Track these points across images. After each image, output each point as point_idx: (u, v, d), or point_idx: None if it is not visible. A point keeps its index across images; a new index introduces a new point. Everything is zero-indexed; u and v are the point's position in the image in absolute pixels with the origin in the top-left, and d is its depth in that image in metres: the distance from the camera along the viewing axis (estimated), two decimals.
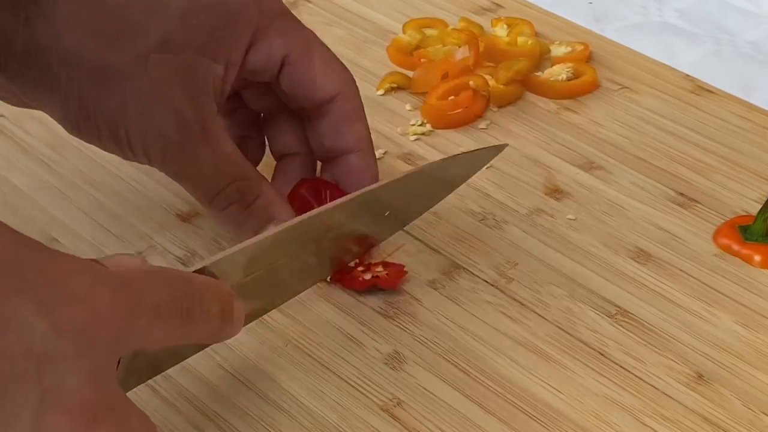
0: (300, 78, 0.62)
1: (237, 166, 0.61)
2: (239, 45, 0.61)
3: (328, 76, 0.63)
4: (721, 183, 0.71)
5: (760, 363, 0.60)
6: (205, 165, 0.60)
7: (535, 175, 0.72)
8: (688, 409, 0.57)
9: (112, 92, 0.58)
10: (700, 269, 0.65)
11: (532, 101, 0.79)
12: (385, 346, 0.60)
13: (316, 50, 0.63)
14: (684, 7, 0.92)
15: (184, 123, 0.59)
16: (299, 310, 0.62)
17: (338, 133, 0.63)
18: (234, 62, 0.61)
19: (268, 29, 0.61)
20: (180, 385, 0.58)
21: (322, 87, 0.63)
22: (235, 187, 0.60)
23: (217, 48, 0.60)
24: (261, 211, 0.61)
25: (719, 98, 0.79)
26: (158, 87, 0.58)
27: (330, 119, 0.63)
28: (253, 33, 0.61)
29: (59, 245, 0.66)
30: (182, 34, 0.59)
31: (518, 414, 0.57)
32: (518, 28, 0.83)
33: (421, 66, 0.80)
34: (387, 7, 0.88)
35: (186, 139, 0.59)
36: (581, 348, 0.60)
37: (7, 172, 0.72)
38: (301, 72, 0.62)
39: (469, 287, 0.64)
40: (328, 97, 0.63)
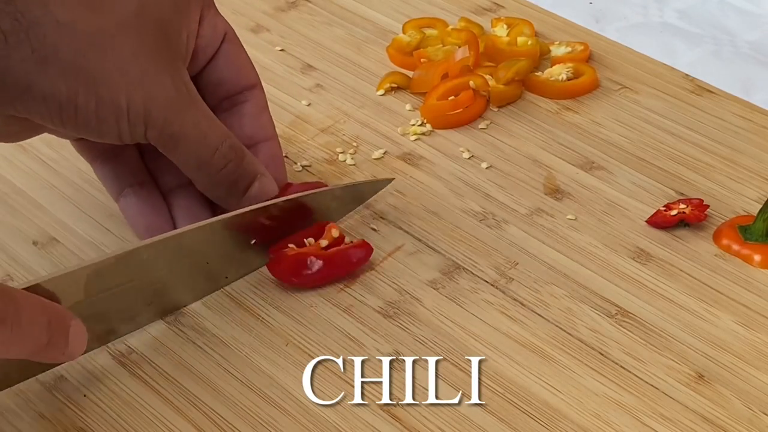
0: (235, 57, 0.65)
1: (221, 126, 0.62)
2: (194, 16, 0.62)
3: (251, 66, 0.66)
4: (721, 183, 0.71)
5: (760, 363, 0.60)
6: (202, 123, 0.61)
7: (535, 175, 0.72)
8: (688, 409, 0.57)
9: (110, 55, 0.58)
10: (700, 269, 0.65)
11: (532, 101, 0.79)
12: (385, 346, 0.60)
13: (241, 43, 0.65)
14: (684, 7, 0.92)
15: (179, 83, 0.60)
16: (299, 310, 0.62)
17: (258, 120, 0.66)
18: (192, 32, 0.62)
19: (211, 7, 0.64)
20: (180, 385, 0.58)
21: (249, 72, 0.65)
22: (228, 144, 0.62)
23: (181, 16, 0.61)
24: (250, 166, 0.63)
25: (719, 98, 0.79)
26: (150, 48, 0.59)
27: (250, 107, 0.65)
28: (201, 9, 0.63)
29: (59, 245, 0.66)
30: (154, 4, 0.60)
31: (518, 414, 0.57)
32: (518, 28, 0.83)
33: (421, 66, 0.80)
34: (387, 7, 0.88)
35: (183, 98, 0.60)
36: (581, 348, 0.60)
37: (7, 172, 0.72)
38: (236, 51, 0.65)
39: (469, 287, 0.64)
40: (253, 83, 0.65)
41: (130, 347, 0.61)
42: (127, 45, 0.58)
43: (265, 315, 0.62)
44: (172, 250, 0.59)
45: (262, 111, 0.66)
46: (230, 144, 0.62)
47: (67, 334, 0.53)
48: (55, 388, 0.58)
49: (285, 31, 0.85)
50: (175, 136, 0.60)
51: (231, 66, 0.64)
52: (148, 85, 0.58)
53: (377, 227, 0.68)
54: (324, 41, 0.84)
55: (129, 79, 0.58)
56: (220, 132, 0.62)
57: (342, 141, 0.75)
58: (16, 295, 0.51)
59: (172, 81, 0.60)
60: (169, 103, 0.59)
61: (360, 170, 0.72)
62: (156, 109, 0.59)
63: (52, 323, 0.52)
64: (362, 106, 0.78)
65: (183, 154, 0.61)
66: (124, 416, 0.57)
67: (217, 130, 0.62)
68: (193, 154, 0.61)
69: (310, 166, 0.73)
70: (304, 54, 0.83)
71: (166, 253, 0.59)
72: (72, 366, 0.59)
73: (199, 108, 0.61)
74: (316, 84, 0.80)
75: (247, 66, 0.65)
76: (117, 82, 0.58)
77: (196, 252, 0.61)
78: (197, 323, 0.62)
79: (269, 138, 0.66)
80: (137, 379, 0.59)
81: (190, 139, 0.61)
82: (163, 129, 0.60)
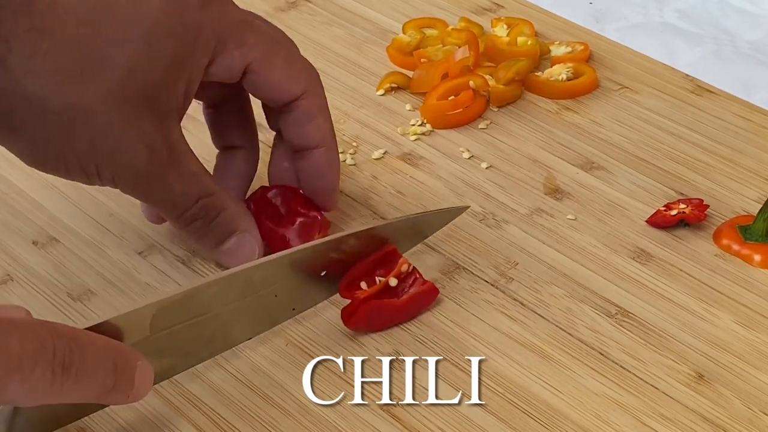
0: (263, 83, 0.62)
1: (202, 185, 0.61)
2: (200, 64, 0.60)
3: (292, 78, 0.63)
4: (721, 183, 0.71)
5: (760, 363, 0.60)
6: (173, 188, 0.60)
7: (535, 175, 0.72)
8: (688, 409, 0.57)
9: (80, 132, 0.57)
10: (700, 269, 0.65)
11: (532, 101, 0.79)
12: (385, 346, 0.60)
13: (279, 53, 0.62)
14: (684, 7, 0.92)
15: (154, 151, 0.58)
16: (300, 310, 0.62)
17: (302, 130, 0.63)
18: (194, 79, 0.60)
19: (228, 41, 0.60)
20: (180, 385, 0.58)
21: (286, 89, 0.63)
22: (201, 204, 0.61)
23: (179, 68, 0.59)
24: (224, 225, 0.62)
25: (719, 98, 0.79)
26: (127, 119, 0.57)
27: (294, 116, 0.63)
28: (213, 48, 0.60)
29: (59, 245, 0.66)
30: (146, 62, 0.57)
31: (518, 414, 0.57)
32: (518, 28, 0.83)
33: (421, 66, 0.80)
34: (387, 7, 0.88)
35: (155, 167, 0.59)
36: (581, 348, 0.60)
37: (7, 172, 0.72)
38: (264, 78, 0.62)
39: (469, 287, 0.64)
40: (293, 97, 0.63)
41: None
42: (100, 118, 0.56)
43: None
44: (241, 284, 0.59)
45: (307, 121, 0.63)
46: (203, 204, 0.61)
47: (133, 376, 0.51)
48: None
49: (285, 31, 0.85)
50: (145, 198, 0.62)
51: (261, 91, 0.63)
52: (118, 159, 0.58)
53: None
54: (324, 41, 0.84)
55: (98, 152, 0.57)
56: (195, 192, 0.61)
57: (342, 141, 0.75)
58: (81, 338, 0.49)
59: (147, 150, 0.58)
60: (138, 175, 0.59)
61: (360, 170, 0.72)
62: (124, 180, 0.59)
63: (118, 366, 0.50)
64: (362, 106, 0.78)
65: (154, 207, 0.64)
66: (124, 416, 0.57)
67: (194, 189, 0.61)
68: (163, 212, 0.63)
69: None
70: (304, 54, 0.83)
71: (235, 288, 0.59)
72: None
73: (176, 170, 0.60)
74: None
75: (284, 84, 0.62)
76: (86, 155, 0.57)
77: (263, 286, 0.60)
78: None
79: (319, 145, 0.64)
80: None
81: (159, 201, 0.61)
82: (133, 192, 0.60)
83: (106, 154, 0.57)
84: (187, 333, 0.57)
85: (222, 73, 0.61)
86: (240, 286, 0.59)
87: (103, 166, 0.58)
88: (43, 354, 0.47)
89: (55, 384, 0.47)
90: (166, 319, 0.56)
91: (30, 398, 0.48)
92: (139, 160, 0.58)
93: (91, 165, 0.58)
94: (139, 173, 0.59)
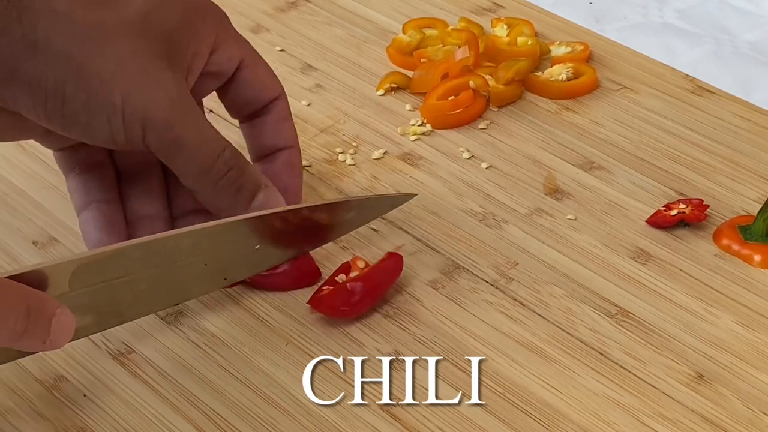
0: (253, 79, 0.64)
1: (221, 136, 0.61)
2: (207, 40, 0.61)
3: (273, 78, 0.65)
4: (721, 183, 0.71)
5: (760, 363, 0.60)
6: (202, 132, 0.59)
7: (535, 175, 0.72)
8: (688, 409, 0.57)
9: (108, 49, 0.56)
10: (700, 269, 0.65)
11: (532, 101, 0.79)
12: (385, 346, 0.60)
13: (261, 59, 0.65)
14: (684, 7, 0.92)
15: (182, 85, 0.59)
16: (300, 310, 0.62)
17: (279, 129, 0.65)
18: (201, 54, 0.61)
19: (228, 35, 0.63)
20: (180, 385, 0.58)
21: (270, 87, 0.65)
22: (230, 151, 0.61)
23: (189, 33, 0.60)
24: (252, 178, 0.61)
25: (719, 98, 0.79)
26: (153, 49, 0.58)
27: (272, 117, 0.65)
28: (216, 36, 0.62)
29: (59, 245, 0.66)
30: (161, 12, 0.59)
31: (518, 414, 0.57)
32: (518, 28, 0.83)
33: (421, 66, 0.80)
34: (387, 7, 0.88)
35: (185, 105, 0.58)
36: (581, 348, 0.60)
37: (7, 172, 0.72)
38: (254, 73, 0.64)
39: (469, 287, 0.64)
40: (274, 96, 0.65)
41: (130, 347, 0.61)
42: (127, 42, 0.57)
43: (265, 315, 0.62)
44: (169, 250, 0.59)
45: (283, 120, 0.66)
46: (232, 151, 0.61)
47: (49, 323, 0.51)
48: (55, 388, 0.58)
49: (285, 31, 0.85)
50: (177, 140, 0.58)
51: (248, 88, 0.64)
52: (148, 85, 0.56)
53: (377, 227, 0.68)
54: (324, 41, 0.84)
55: (126, 75, 0.56)
56: (221, 138, 0.61)
57: (342, 141, 0.75)
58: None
59: (175, 83, 0.58)
60: (172, 105, 0.57)
61: (360, 170, 0.72)
62: (156, 110, 0.57)
63: (32, 311, 0.50)
64: (362, 106, 0.78)
65: (185, 160, 0.59)
66: (124, 416, 0.57)
67: (218, 136, 0.61)
68: (196, 161, 0.59)
69: (310, 166, 0.73)
70: (304, 54, 0.83)
71: (162, 253, 0.58)
72: (72, 366, 0.59)
73: (199, 113, 0.61)
74: (316, 84, 0.80)
75: (266, 82, 0.65)
76: (112, 77, 0.56)
77: (195, 253, 0.60)
78: (197, 323, 0.62)
79: (289, 146, 0.66)
80: (137, 379, 0.59)
81: (193, 144, 0.58)
82: (164, 132, 0.57)
83: (135, 76, 0.56)
84: (106, 293, 0.57)
85: (223, 62, 0.63)
86: (168, 252, 0.58)
87: (131, 93, 0.56)
88: None
89: None
90: (89, 276, 0.56)
91: None
92: (168, 89, 0.57)
93: (116, 92, 0.56)
94: (173, 103, 0.57)
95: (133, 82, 0.56)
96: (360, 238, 0.67)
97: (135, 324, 0.61)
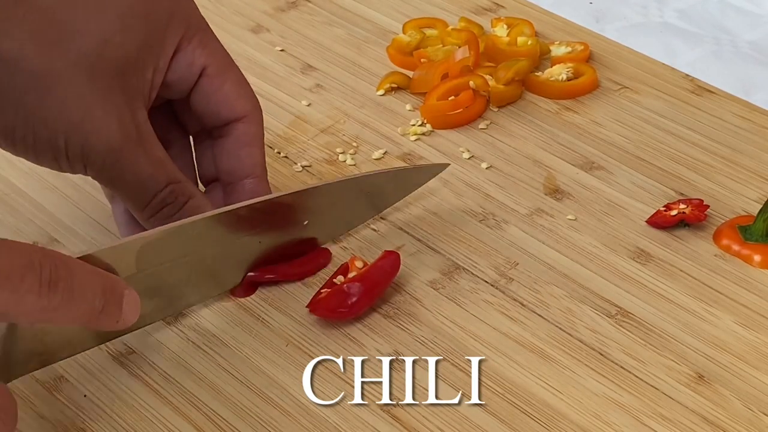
0: (214, 92, 0.62)
1: (170, 170, 0.61)
2: (167, 50, 0.60)
3: (240, 97, 0.62)
4: (721, 183, 0.71)
5: (760, 363, 0.60)
6: (143, 170, 0.59)
7: (535, 175, 0.72)
8: (688, 409, 0.57)
9: (53, 96, 0.57)
10: (700, 269, 0.65)
11: (532, 101, 0.79)
12: (385, 346, 0.60)
13: (232, 70, 0.63)
14: (684, 7, 0.92)
15: (125, 128, 0.58)
16: (300, 310, 0.62)
17: (237, 155, 0.63)
18: (161, 68, 0.60)
19: (193, 39, 0.61)
20: (180, 385, 0.58)
21: (232, 106, 0.62)
22: (170, 190, 0.60)
23: (148, 53, 0.59)
24: (192, 212, 0.61)
25: (719, 98, 0.79)
26: (100, 91, 0.57)
27: (231, 140, 0.63)
28: (180, 38, 0.61)
29: (59, 245, 0.66)
30: (120, 38, 0.58)
31: (518, 414, 0.57)
32: (518, 28, 0.83)
33: (421, 66, 0.80)
34: (387, 7, 0.88)
35: (127, 145, 0.58)
36: (581, 348, 0.60)
37: (8, 172, 0.72)
38: (216, 86, 0.62)
39: (469, 287, 0.64)
40: (235, 117, 0.62)
41: (130, 347, 0.61)
42: (74, 86, 0.57)
43: (265, 315, 0.62)
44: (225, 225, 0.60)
45: (244, 146, 0.63)
46: (172, 189, 0.60)
47: (121, 302, 0.53)
48: (55, 388, 0.58)
49: (285, 31, 0.85)
50: (114, 180, 0.60)
51: (209, 101, 0.62)
52: (89, 129, 0.57)
53: (377, 228, 0.68)
54: (324, 41, 0.84)
55: (69, 121, 0.57)
56: (163, 176, 0.60)
57: (342, 141, 0.75)
58: (69, 261, 0.51)
59: (119, 124, 0.58)
60: (109, 149, 0.58)
61: (360, 170, 0.72)
62: (94, 154, 0.58)
63: (107, 290, 0.52)
64: (362, 106, 0.78)
65: (122, 195, 0.61)
66: (124, 416, 0.57)
67: (162, 174, 0.60)
68: (132, 198, 0.61)
69: (310, 166, 0.73)
70: (304, 54, 0.83)
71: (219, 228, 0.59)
72: (72, 366, 0.59)
73: (145, 151, 0.59)
74: (316, 84, 0.80)
75: (231, 98, 0.62)
76: (56, 122, 0.57)
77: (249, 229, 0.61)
78: (197, 324, 0.62)
79: (251, 176, 0.63)
80: (137, 379, 0.59)
81: (128, 184, 0.60)
82: (101, 172, 0.59)
83: (76, 122, 0.57)
84: (176, 272, 0.59)
85: (182, 69, 0.61)
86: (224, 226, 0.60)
87: (72, 138, 0.57)
88: (30, 268, 0.48)
89: (43, 297, 0.49)
90: (152, 256, 0.57)
91: (20, 311, 0.49)
92: (110, 134, 0.58)
93: (60, 137, 0.57)
94: (110, 148, 0.58)
95: (74, 127, 0.57)
96: (360, 239, 0.67)
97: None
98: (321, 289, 0.63)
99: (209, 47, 0.62)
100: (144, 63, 0.59)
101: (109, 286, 0.52)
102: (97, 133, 0.58)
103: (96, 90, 0.57)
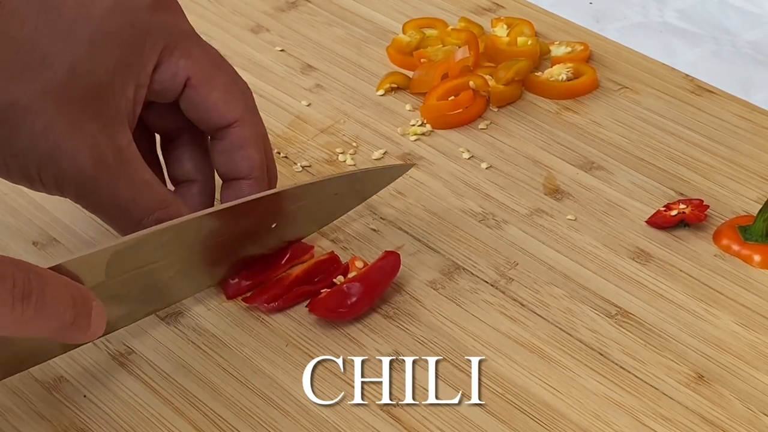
0: (200, 101, 0.61)
1: (156, 195, 0.60)
2: (147, 66, 0.59)
3: (228, 103, 0.61)
4: (721, 183, 0.71)
5: (760, 363, 0.60)
6: (123, 196, 0.59)
7: (534, 175, 0.72)
8: (687, 409, 0.57)
9: (20, 131, 0.56)
10: (700, 269, 0.65)
11: (532, 101, 0.79)
12: (385, 346, 0.60)
13: (220, 75, 0.61)
14: (684, 7, 0.92)
15: (99, 155, 0.57)
16: (299, 311, 0.62)
17: (230, 158, 0.62)
18: (142, 83, 0.59)
19: (174, 50, 0.60)
20: (180, 385, 0.58)
21: (221, 113, 0.61)
22: (155, 217, 0.59)
23: (126, 71, 0.58)
24: None
25: (719, 98, 0.79)
26: (69, 120, 0.56)
27: (226, 143, 0.62)
28: (160, 53, 0.59)
29: (59, 245, 0.66)
30: (90, 62, 0.57)
31: (518, 414, 0.57)
32: (518, 28, 0.83)
33: (421, 66, 0.80)
34: (387, 7, 0.88)
35: (102, 172, 0.58)
36: (581, 348, 0.60)
37: None
38: (202, 95, 0.61)
39: (469, 287, 0.64)
40: (226, 123, 0.61)
41: (130, 347, 0.61)
42: (42, 118, 0.56)
43: (265, 315, 0.62)
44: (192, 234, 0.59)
45: (237, 149, 0.62)
46: (158, 217, 0.59)
47: (90, 314, 0.53)
48: (55, 388, 0.58)
49: (285, 31, 0.85)
50: (90, 206, 0.59)
51: (197, 110, 0.61)
52: (59, 159, 0.57)
53: (377, 228, 0.68)
54: (324, 41, 0.84)
55: (38, 153, 0.56)
56: (148, 203, 0.59)
57: (342, 141, 0.75)
58: (41, 272, 0.50)
59: (90, 152, 0.57)
60: (82, 177, 0.57)
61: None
62: (67, 182, 0.58)
63: (77, 302, 0.52)
64: (362, 106, 0.78)
65: (103, 219, 0.60)
66: (124, 416, 0.57)
67: (145, 200, 0.59)
68: (112, 222, 0.60)
69: (310, 166, 0.73)
70: (304, 54, 0.83)
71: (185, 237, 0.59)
72: (72, 366, 0.59)
73: (125, 177, 0.58)
74: (316, 84, 0.80)
75: (219, 106, 0.61)
76: (26, 155, 0.57)
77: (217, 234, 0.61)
78: (197, 324, 0.62)
79: (245, 177, 0.62)
80: (137, 379, 0.59)
81: (107, 211, 0.59)
82: (78, 199, 0.59)
83: (46, 155, 0.56)
84: (143, 279, 0.58)
85: (165, 80, 0.60)
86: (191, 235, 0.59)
87: (44, 168, 0.57)
88: (2, 280, 0.48)
89: (16, 310, 0.48)
90: (121, 266, 0.56)
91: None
92: (81, 163, 0.57)
93: (32, 168, 0.57)
94: (83, 177, 0.57)
95: (46, 157, 0.57)
96: (360, 239, 0.67)
97: (135, 324, 0.61)
98: (321, 290, 0.63)
99: (193, 56, 0.60)
100: (123, 83, 0.58)
101: (79, 298, 0.52)
102: (69, 162, 0.57)
103: (65, 120, 0.56)
